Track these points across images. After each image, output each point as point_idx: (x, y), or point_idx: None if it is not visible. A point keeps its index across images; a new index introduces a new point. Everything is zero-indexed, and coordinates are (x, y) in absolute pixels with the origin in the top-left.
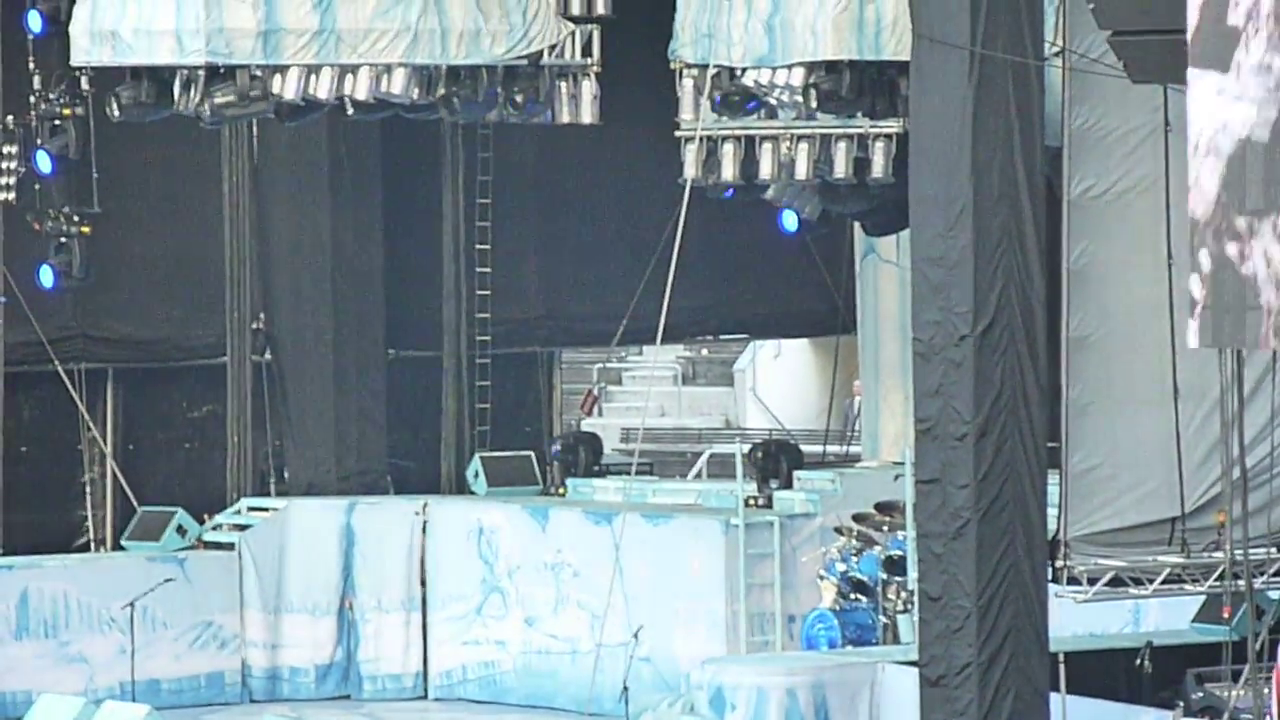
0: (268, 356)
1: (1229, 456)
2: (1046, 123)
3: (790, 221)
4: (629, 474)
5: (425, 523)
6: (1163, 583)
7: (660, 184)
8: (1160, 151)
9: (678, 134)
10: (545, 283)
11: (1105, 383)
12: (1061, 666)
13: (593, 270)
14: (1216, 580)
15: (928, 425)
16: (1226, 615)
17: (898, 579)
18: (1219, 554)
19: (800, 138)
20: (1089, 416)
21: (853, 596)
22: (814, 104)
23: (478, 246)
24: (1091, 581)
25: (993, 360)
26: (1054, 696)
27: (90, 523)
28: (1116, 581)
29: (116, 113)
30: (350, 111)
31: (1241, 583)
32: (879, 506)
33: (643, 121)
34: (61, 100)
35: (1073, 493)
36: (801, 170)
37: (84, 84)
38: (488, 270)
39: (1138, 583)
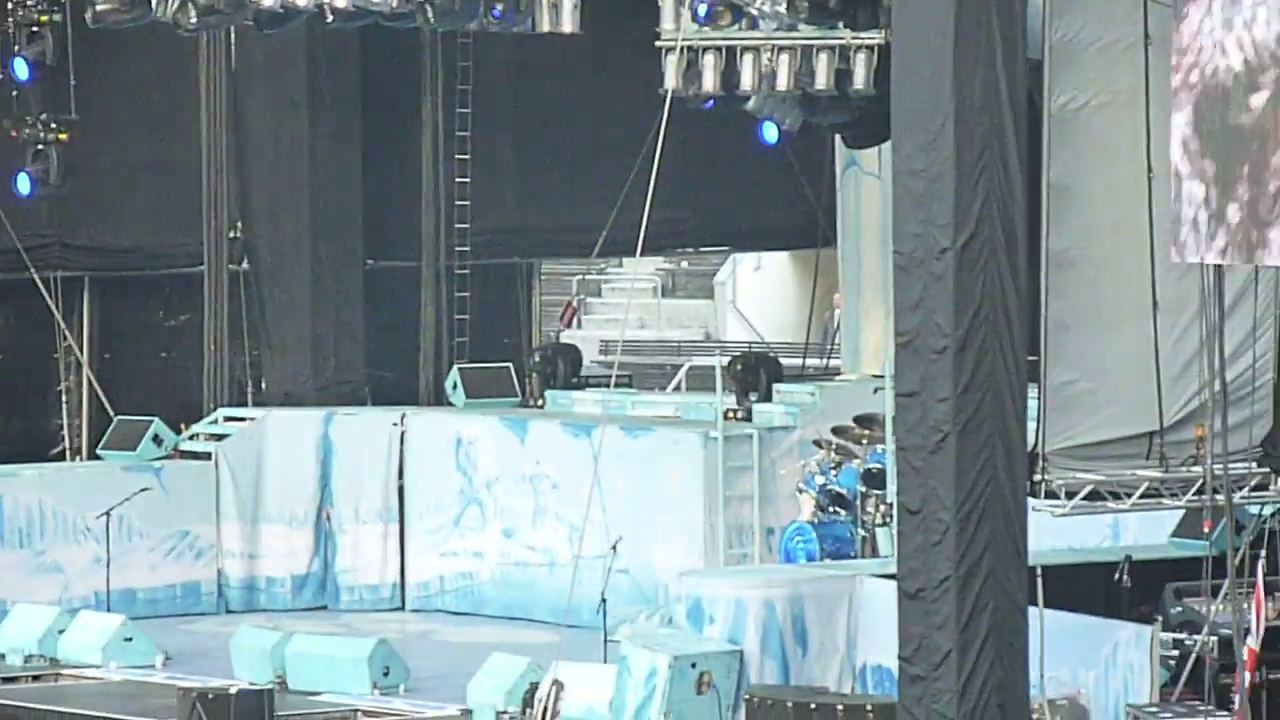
0: (245, 266)
1: (1209, 371)
2: (1028, 35)
3: (771, 133)
4: (608, 386)
5: (403, 434)
6: (1141, 497)
7: (641, 95)
8: (1140, 65)
9: (658, 44)
10: (525, 193)
11: (1085, 297)
12: (1039, 580)
13: (572, 181)
14: (1195, 495)
15: (907, 338)
16: (1206, 530)
17: (876, 492)
18: (1198, 469)
19: (781, 49)
20: (1068, 331)
21: (831, 510)
22: (796, 14)
23: (457, 156)
24: (1069, 495)
25: (973, 274)
26: (1032, 610)
27: (66, 432)
28: (1094, 495)
29: (94, 20)
30: (329, 19)
31: (1220, 497)
32: (858, 420)
33: (623, 31)
34: (39, 7)
35: (1051, 407)
36: (783, 81)
37: None
38: (467, 180)
39: (1116, 497)
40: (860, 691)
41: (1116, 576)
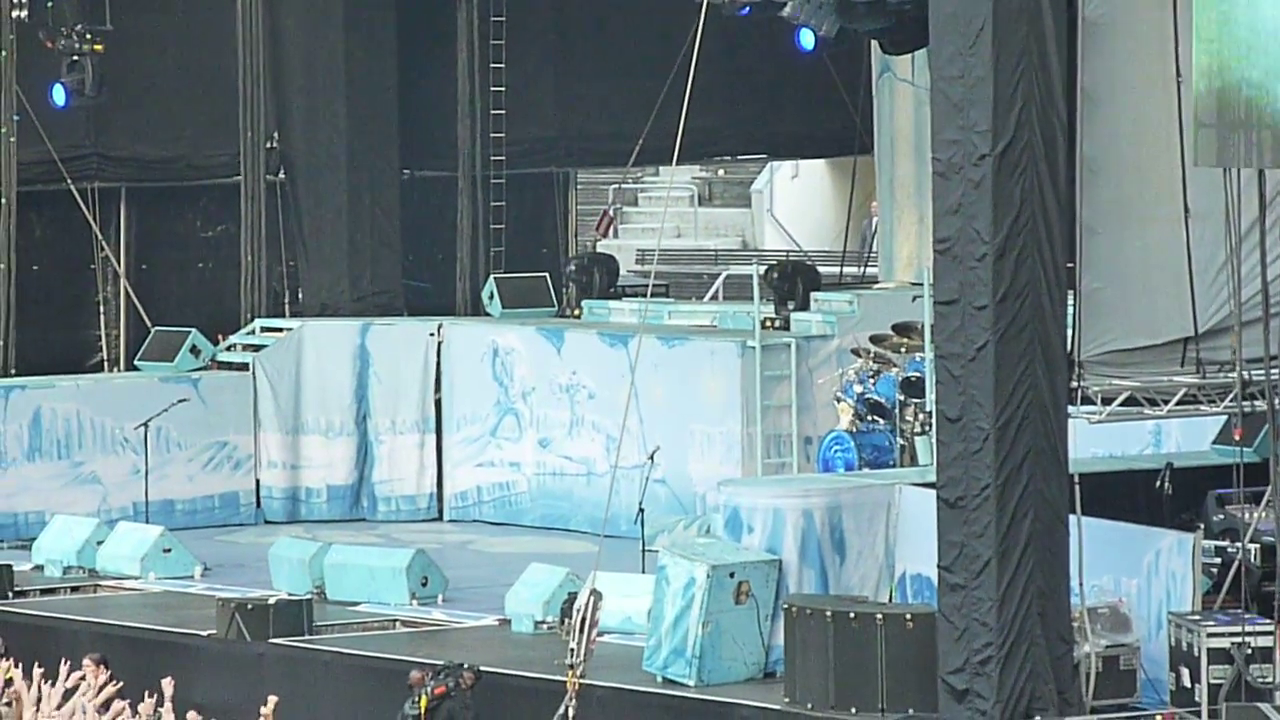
0: (281, 176)
1: (1236, 277)
2: None
3: (807, 40)
4: (645, 296)
5: (440, 344)
6: (1178, 403)
7: (677, 3)
8: None
9: None
10: (560, 102)
11: (1116, 204)
12: (1077, 487)
13: (608, 90)
14: (1233, 400)
15: (947, 245)
16: (1238, 437)
17: (915, 400)
18: (1234, 375)
19: None
20: (1099, 237)
21: (870, 418)
22: None
23: (492, 65)
24: (1106, 402)
25: (1012, 180)
26: (1072, 518)
27: (103, 343)
28: (1131, 401)
29: None
30: None
31: (1258, 404)
32: (896, 328)
33: None
34: None
35: (1085, 313)
36: None
37: None
38: (502, 89)
39: (1153, 403)
40: (899, 600)
41: (1158, 484)
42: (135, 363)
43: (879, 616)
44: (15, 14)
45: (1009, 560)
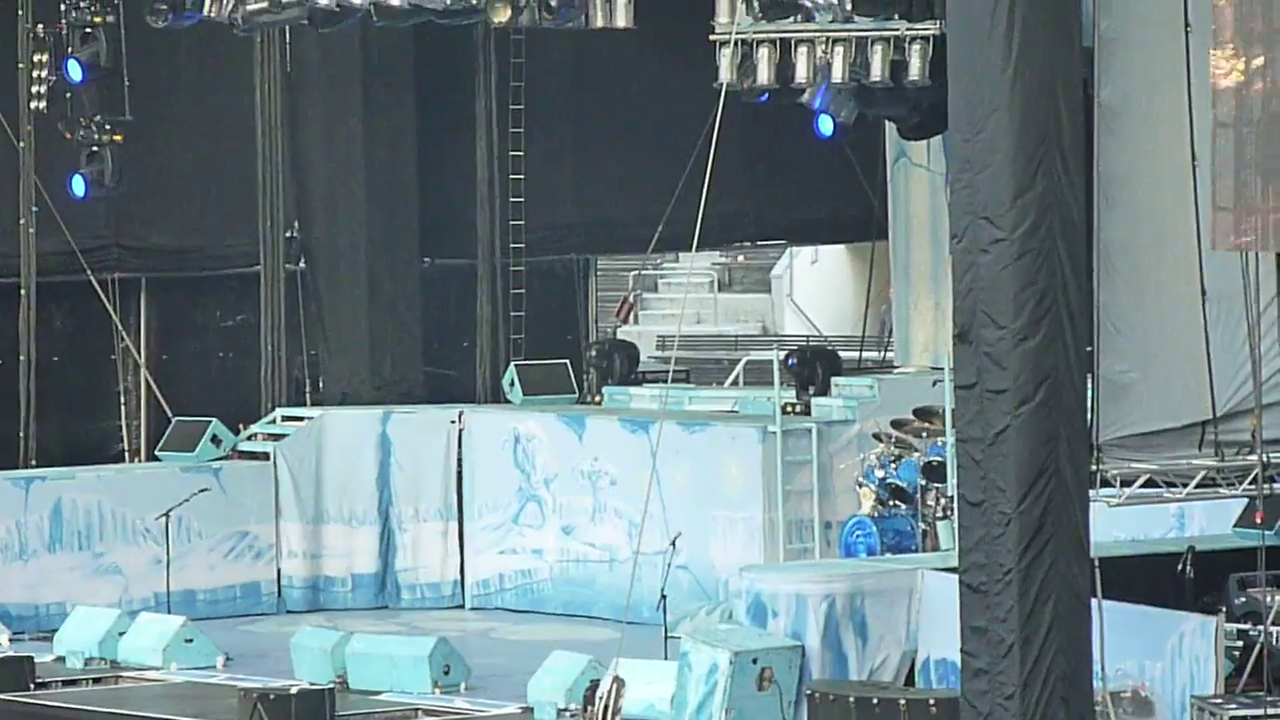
0: (302, 265)
1: (1255, 358)
2: (1080, 23)
3: (826, 126)
4: (665, 381)
5: (461, 431)
6: (1197, 486)
7: (695, 88)
8: (1181, 52)
9: (713, 38)
10: (580, 189)
11: (1134, 286)
12: (1098, 571)
13: (628, 176)
14: (1252, 483)
15: (965, 330)
16: (1259, 520)
17: (937, 485)
18: (1254, 457)
19: (836, 41)
20: (1118, 320)
21: (891, 503)
22: (850, 6)
23: (511, 153)
24: (1125, 484)
25: (1031, 264)
26: (1094, 602)
27: (124, 433)
28: (1152, 484)
29: (156, 21)
30: (379, 20)
31: (1278, 486)
32: (917, 412)
33: (677, 25)
34: (92, 8)
35: (1105, 396)
36: (838, 74)
37: None
38: (522, 177)
39: (1172, 485)
40: (923, 686)
41: (1180, 567)
42: (156, 453)
43: (902, 702)
44: (34, 105)
45: (1032, 644)
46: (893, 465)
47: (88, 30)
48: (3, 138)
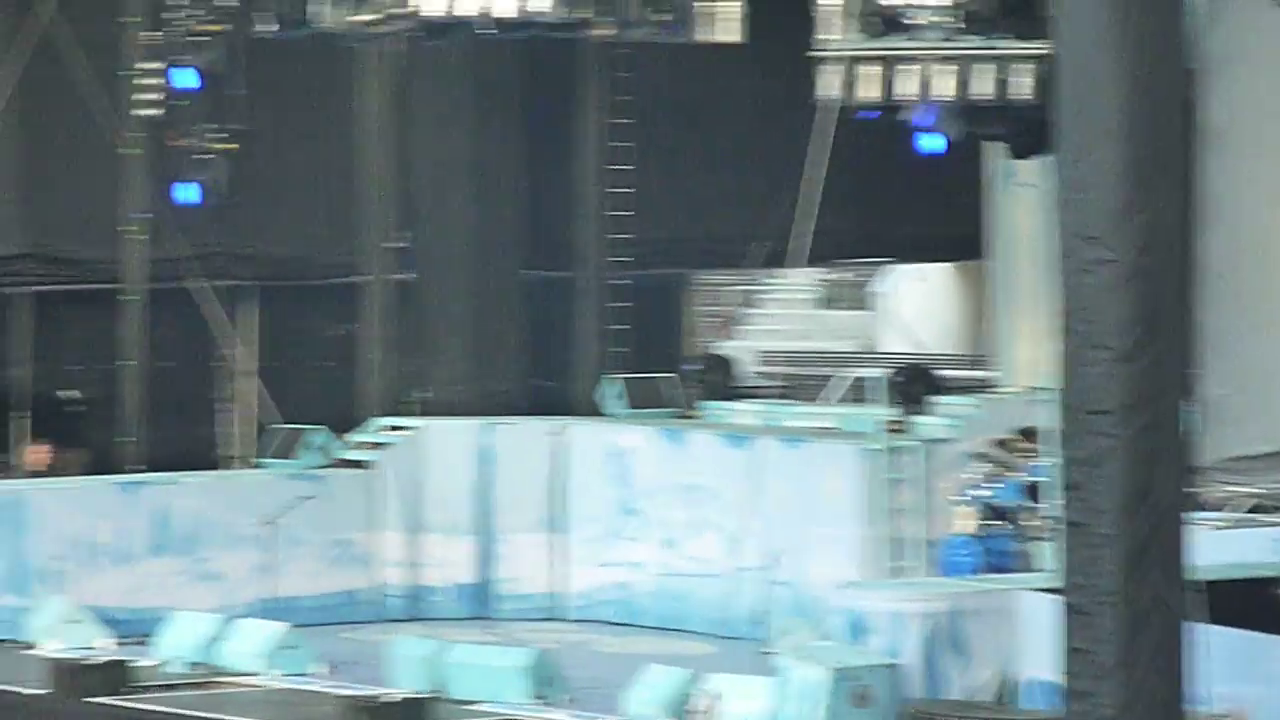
0: (406, 275)
1: None
2: (1186, 44)
3: (933, 143)
4: (766, 398)
5: (562, 444)
6: None
7: (801, 105)
8: None
9: (813, 54)
10: (685, 204)
11: (1239, 310)
12: (1200, 594)
13: (732, 191)
14: None
15: (1070, 350)
16: None
17: (1038, 505)
18: None
19: (943, 58)
20: (1222, 343)
21: (993, 522)
22: (959, 25)
23: (617, 166)
24: (1229, 509)
25: (1138, 286)
26: (1195, 626)
27: (228, 439)
28: (1256, 509)
29: (266, 32)
30: (493, 31)
31: None
32: (1021, 432)
33: (783, 41)
34: (205, 17)
35: (1208, 419)
36: (944, 92)
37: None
38: (627, 190)
39: (1274, 509)
40: (1022, 707)
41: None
42: (259, 460)
43: None
44: (147, 113)
45: (1133, 668)
46: (995, 484)
47: (201, 39)
48: (113, 144)
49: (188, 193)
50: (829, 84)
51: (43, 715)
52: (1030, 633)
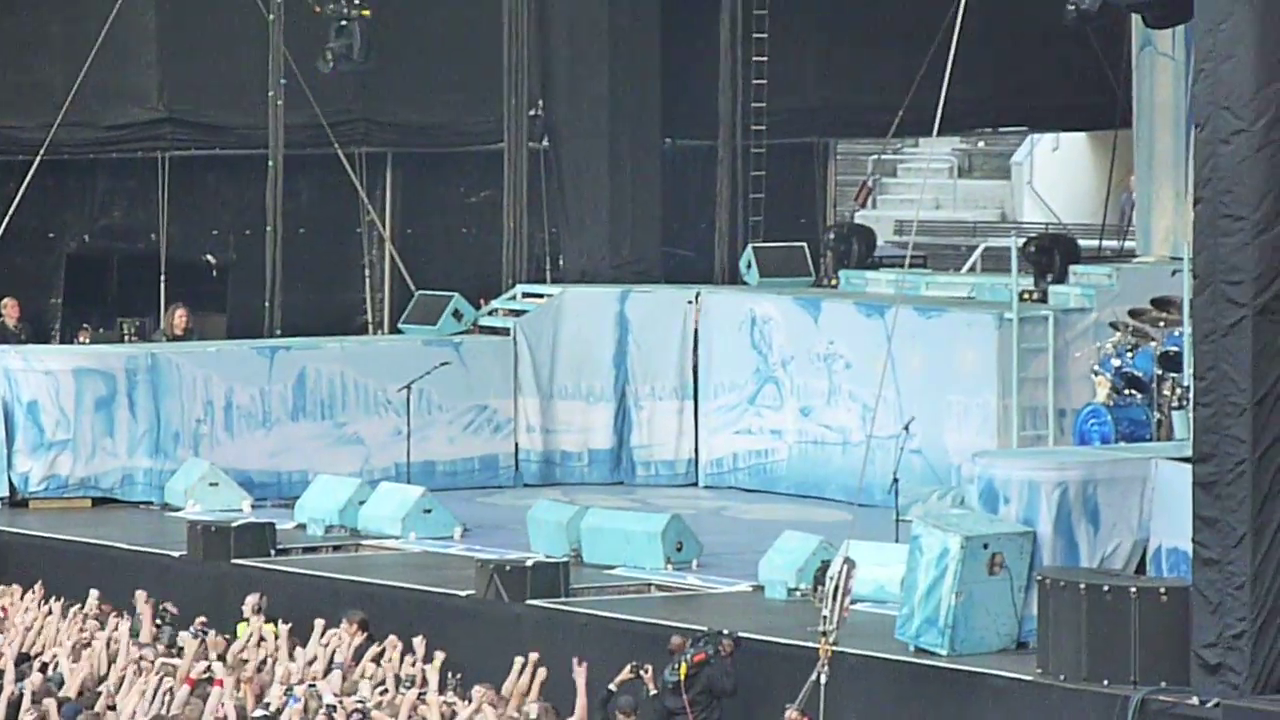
0: (545, 144)
1: None
2: None
3: (1070, 12)
4: (902, 266)
5: (698, 312)
6: None
7: None
8: None
9: None
10: (822, 73)
11: None
12: None
13: (869, 60)
14: None
15: (1204, 220)
16: None
17: (1173, 375)
18: None
19: None
20: None
21: (1127, 392)
22: None
23: (755, 35)
24: None
25: (1273, 155)
26: None
27: (368, 305)
28: None
29: None
30: None
31: None
32: (1155, 302)
33: None
34: None
35: None
36: None
37: None
38: (764, 59)
39: None
40: (1154, 574)
41: None
42: (399, 325)
43: (1133, 590)
44: None
45: (1264, 536)
46: (1129, 354)
47: None
48: (254, 11)
49: (326, 59)
50: None
51: (185, 578)
52: (1163, 501)
